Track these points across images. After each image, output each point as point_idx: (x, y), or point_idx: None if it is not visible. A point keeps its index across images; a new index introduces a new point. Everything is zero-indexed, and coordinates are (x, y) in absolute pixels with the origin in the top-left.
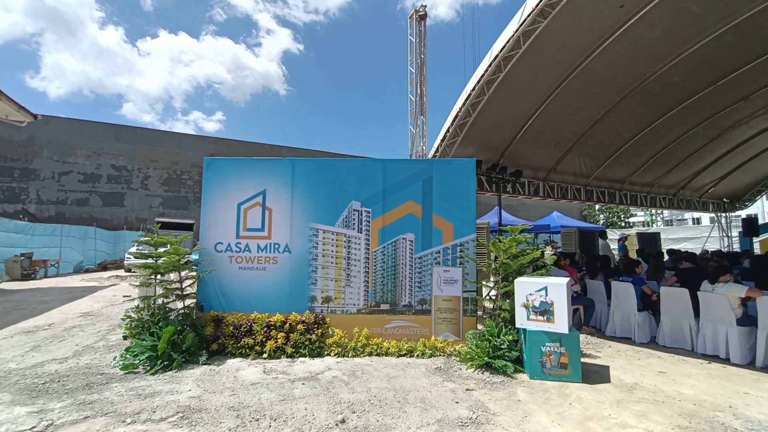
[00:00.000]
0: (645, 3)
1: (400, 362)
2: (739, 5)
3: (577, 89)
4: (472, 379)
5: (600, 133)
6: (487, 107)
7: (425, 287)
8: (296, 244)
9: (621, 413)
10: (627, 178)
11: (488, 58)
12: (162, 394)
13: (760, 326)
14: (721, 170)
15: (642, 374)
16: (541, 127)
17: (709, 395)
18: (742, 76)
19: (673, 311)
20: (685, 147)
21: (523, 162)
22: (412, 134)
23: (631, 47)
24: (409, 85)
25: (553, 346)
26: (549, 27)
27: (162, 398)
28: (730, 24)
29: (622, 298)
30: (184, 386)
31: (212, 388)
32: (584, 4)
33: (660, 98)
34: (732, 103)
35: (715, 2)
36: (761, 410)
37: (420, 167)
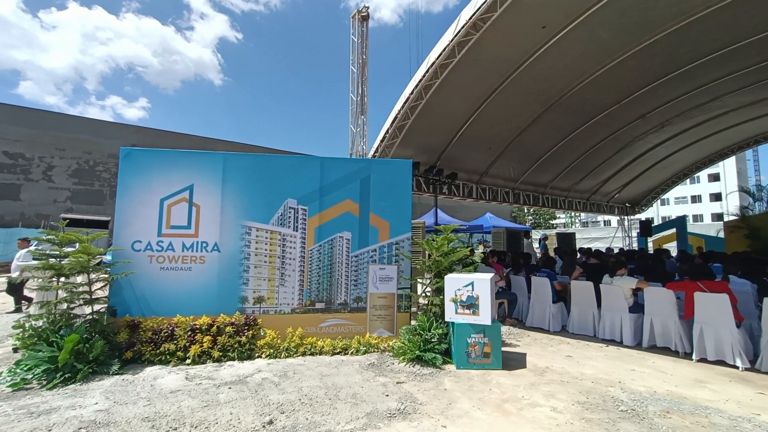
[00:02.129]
0: (563, 26)
1: (334, 360)
2: (637, 35)
3: (507, 99)
4: (404, 373)
5: (526, 140)
6: (425, 111)
7: (361, 285)
8: (226, 243)
9: (533, 394)
10: (549, 182)
11: (426, 64)
12: (61, 410)
13: (646, 313)
14: (624, 178)
15: (553, 359)
16: (475, 132)
17: (605, 374)
18: (640, 97)
19: (581, 302)
20: (596, 157)
21: (458, 165)
22: (353, 133)
23: (553, 64)
24: (351, 85)
25: (477, 337)
26: (482, 39)
27: (61, 415)
28: (631, 51)
29: (540, 292)
30: (90, 399)
31: (124, 399)
32: (512, 21)
33: (576, 112)
34: (632, 120)
35: (618, 31)
36: (643, 383)
37: (358, 166)
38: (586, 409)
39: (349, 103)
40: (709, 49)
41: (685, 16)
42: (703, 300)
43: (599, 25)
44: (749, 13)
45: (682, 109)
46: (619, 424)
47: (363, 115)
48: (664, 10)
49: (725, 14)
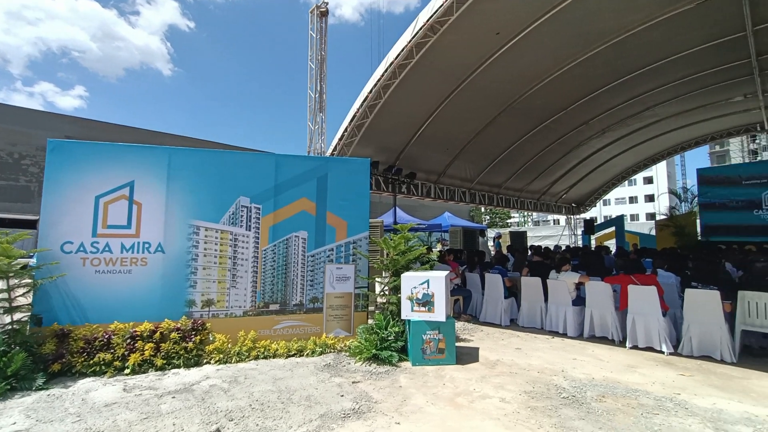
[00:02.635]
0: (515, 34)
1: (288, 363)
2: (582, 46)
3: (464, 101)
4: (360, 372)
5: (482, 142)
6: (384, 110)
7: (317, 285)
8: (172, 243)
9: (484, 387)
10: (503, 183)
11: (384, 64)
12: None
13: (587, 305)
14: (571, 180)
15: (504, 352)
16: (433, 133)
17: (550, 363)
18: (584, 104)
19: (529, 297)
20: (545, 159)
21: (417, 165)
22: (311, 131)
23: (506, 70)
24: (309, 81)
25: (432, 333)
26: (439, 42)
27: None
28: (576, 61)
29: (492, 288)
30: (6, 420)
31: (49, 416)
32: (468, 26)
33: (528, 116)
34: (577, 126)
35: (565, 41)
36: (583, 371)
37: (315, 164)
38: (531, 397)
39: (308, 100)
40: (643, 62)
41: (623, 30)
42: (635, 292)
43: (547, 35)
44: (678, 32)
45: (620, 117)
46: (560, 411)
47: (321, 112)
48: (604, 24)
49: (657, 31)
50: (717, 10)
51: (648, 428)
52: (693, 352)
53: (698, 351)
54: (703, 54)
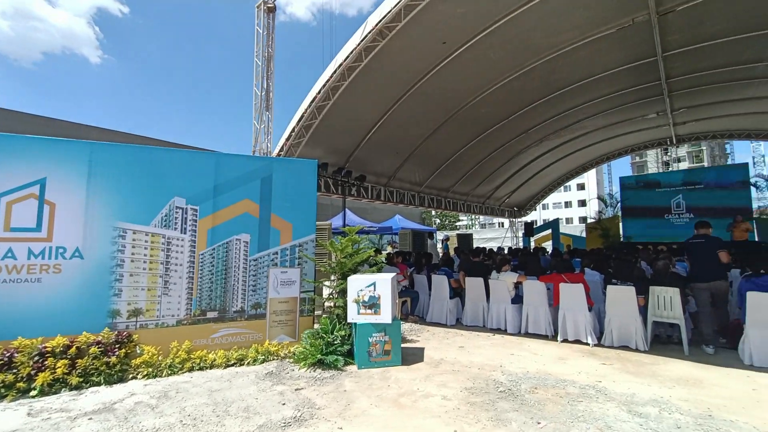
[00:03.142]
0: (460, 45)
1: (227, 373)
2: (520, 60)
3: (413, 106)
4: (304, 378)
5: (431, 147)
6: (333, 112)
7: (260, 290)
8: (92, 248)
9: (427, 386)
10: (450, 187)
11: (333, 65)
12: None
13: (525, 303)
14: (512, 185)
15: (448, 351)
16: (383, 136)
17: (490, 360)
18: (523, 115)
19: (473, 296)
20: (489, 165)
21: (367, 167)
22: (257, 130)
23: (453, 78)
24: (255, 78)
25: (379, 335)
26: (388, 47)
27: None
28: (515, 74)
29: (439, 289)
30: None
31: None
32: (416, 34)
33: (473, 124)
34: (518, 135)
35: (505, 55)
36: (519, 365)
37: (259, 165)
38: (471, 393)
39: (253, 98)
40: (572, 79)
41: (554, 49)
42: (565, 290)
43: (489, 48)
44: (601, 53)
45: (554, 128)
46: (497, 404)
47: (268, 111)
48: (538, 42)
49: (584, 52)
50: (633, 36)
51: (573, 415)
52: (613, 343)
53: (618, 341)
54: (622, 74)
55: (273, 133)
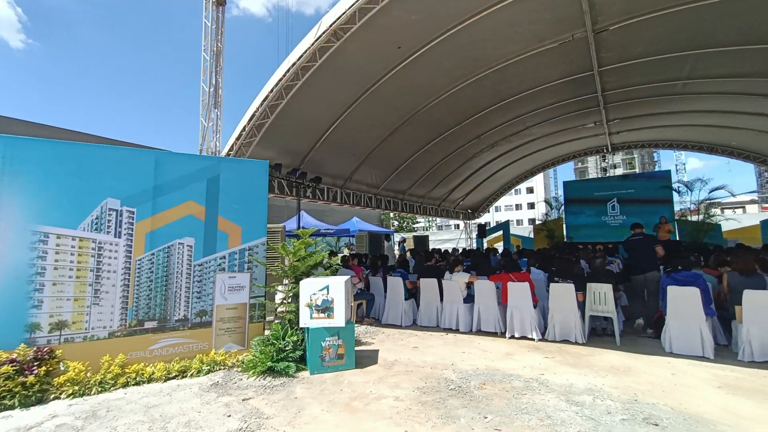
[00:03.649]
0: (414, 50)
1: (167, 387)
2: (472, 68)
3: (369, 109)
4: (252, 388)
5: (387, 150)
6: (287, 112)
7: (206, 297)
8: (6, 255)
9: (380, 388)
10: (407, 190)
11: (287, 64)
12: None
13: (476, 302)
14: (467, 188)
15: (402, 352)
16: (339, 138)
17: (442, 359)
18: (476, 121)
19: (427, 297)
20: (445, 168)
21: (323, 169)
22: (204, 128)
23: (409, 82)
24: (203, 73)
25: (332, 339)
26: (343, 49)
27: None
28: (468, 81)
29: (394, 290)
30: None
31: None
32: (371, 36)
33: (428, 128)
34: (471, 140)
35: (458, 62)
36: (470, 363)
37: (205, 164)
38: (423, 393)
39: (201, 94)
40: (520, 88)
41: (503, 59)
42: (513, 288)
43: (443, 55)
44: (545, 66)
45: (505, 134)
46: (447, 402)
47: (217, 108)
48: (489, 52)
49: (530, 63)
50: (573, 51)
51: (517, 408)
52: (556, 337)
53: (560, 336)
54: (563, 86)
55: (222, 131)
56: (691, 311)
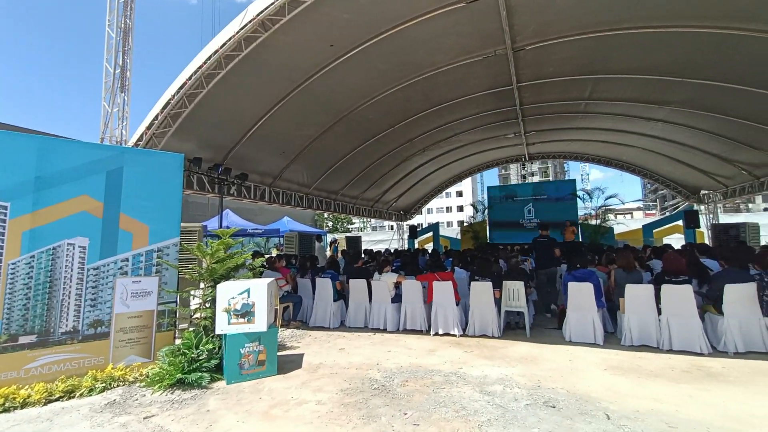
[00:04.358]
0: (348, 50)
1: (47, 411)
2: (404, 73)
3: (301, 106)
4: (157, 404)
5: (319, 149)
6: (209, 102)
7: (102, 305)
8: None
9: (302, 393)
10: (340, 190)
11: (208, 51)
12: None
13: (404, 301)
14: (399, 190)
15: (328, 354)
16: (268, 134)
17: (368, 359)
18: (408, 125)
19: (356, 298)
20: (379, 170)
21: (250, 166)
22: (107, 113)
23: (341, 81)
24: (106, 52)
25: (252, 345)
26: (272, 41)
27: None
28: (400, 85)
29: (323, 292)
30: None
31: None
32: (302, 31)
33: (362, 129)
34: (403, 143)
35: (391, 66)
36: (395, 361)
37: (105, 155)
38: (347, 394)
39: (104, 75)
40: (449, 96)
41: (434, 67)
42: (437, 287)
43: (376, 57)
44: (471, 77)
45: (435, 139)
46: (370, 401)
47: (124, 93)
48: (421, 58)
49: (458, 73)
50: (496, 65)
51: (436, 402)
52: (475, 332)
53: (479, 331)
54: (488, 97)
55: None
56: (586, 304)
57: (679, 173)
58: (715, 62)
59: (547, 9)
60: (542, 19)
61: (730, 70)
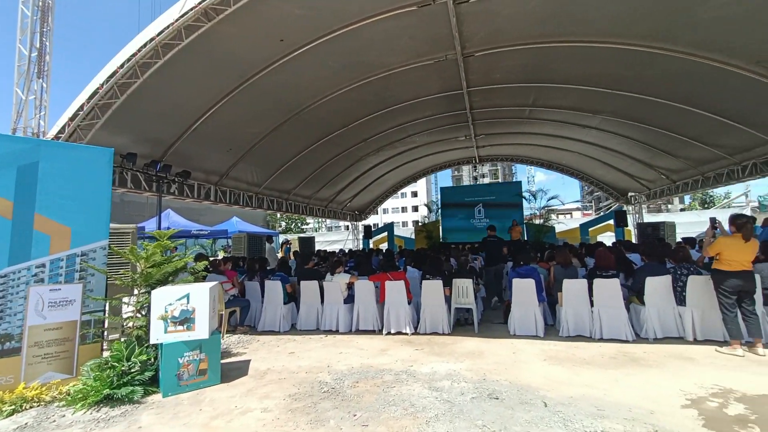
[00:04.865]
0: (299, 46)
1: None
2: (357, 73)
3: (250, 102)
4: (80, 424)
5: (270, 147)
6: (144, 93)
7: (11, 317)
8: None
9: (247, 401)
10: (292, 189)
11: (143, 38)
12: None
13: (356, 302)
14: (354, 190)
15: (276, 359)
16: (213, 130)
17: (319, 362)
18: (362, 125)
19: (308, 300)
20: (332, 170)
21: (193, 163)
22: (21, 101)
23: (292, 79)
24: (20, 32)
25: (192, 354)
26: (218, 32)
27: None
28: (353, 85)
29: (272, 295)
30: None
31: None
32: (250, 23)
33: (315, 127)
34: (357, 143)
35: (344, 65)
36: (346, 363)
37: (15, 148)
38: (294, 400)
39: (16, 58)
40: (402, 98)
41: (387, 68)
42: (390, 287)
43: (328, 56)
44: (424, 80)
45: (389, 140)
46: (319, 405)
47: (42, 79)
48: (374, 59)
49: (411, 76)
50: (447, 69)
51: (386, 401)
52: (427, 330)
53: (430, 328)
54: (440, 100)
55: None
56: (529, 299)
57: (610, 176)
58: (639, 77)
59: (494, 19)
60: (490, 27)
61: (651, 85)
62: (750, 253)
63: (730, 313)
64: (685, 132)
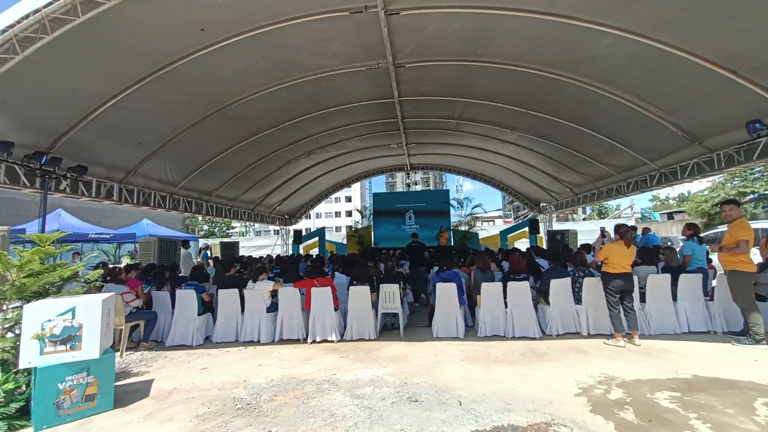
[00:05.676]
0: (223, 38)
1: None
2: (287, 73)
3: (164, 92)
4: None
5: (187, 143)
6: (27, 72)
7: None
8: None
9: (146, 427)
10: (214, 191)
11: (24, 9)
12: None
13: (280, 310)
14: (284, 193)
15: (185, 376)
16: (119, 120)
17: (234, 376)
18: (292, 126)
19: (226, 310)
20: (260, 171)
21: (92, 157)
22: None
23: (216, 72)
24: None
25: (77, 378)
26: (124, 11)
27: None
28: (283, 85)
29: (184, 306)
30: None
31: None
32: (166, 8)
33: (240, 126)
34: (287, 145)
35: (273, 64)
36: (265, 375)
37: None
38: (203, 420)
39: None
40: (334, 102)
41: (319, 71)
42: (316, 293)
43: (256, 52)
44: (357, 85)
45: (321, 144)
46: (231, 424)
47: None
48: (305, 60)
49: (344, 80)
50: (379, 77)
51: (305, 413)
52: (353, 337)
53: (356, 335)
54: (373, 107)
55: None
56: (451, 302)
57: (525, 188)
58: (546, 99)
59: (421, 33)
60: (418, 41)
61: (556, 107)
62: (630, 257)
63: (615, 310)
64: (583, 151)
